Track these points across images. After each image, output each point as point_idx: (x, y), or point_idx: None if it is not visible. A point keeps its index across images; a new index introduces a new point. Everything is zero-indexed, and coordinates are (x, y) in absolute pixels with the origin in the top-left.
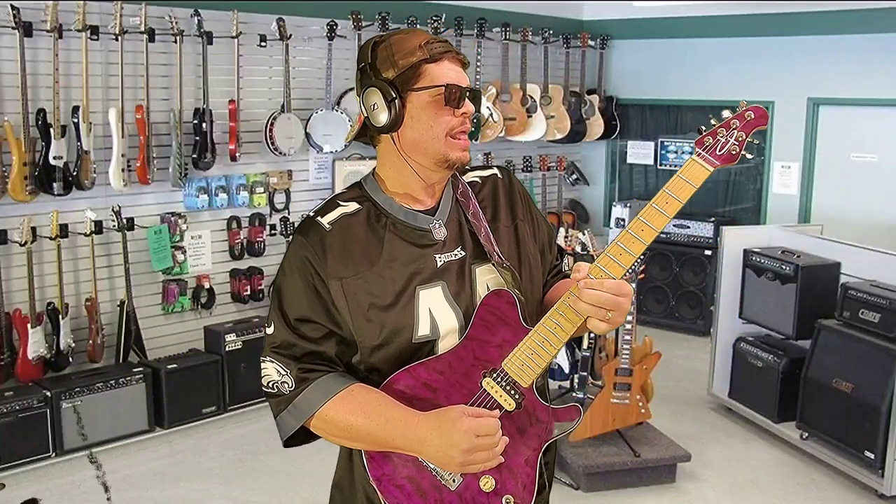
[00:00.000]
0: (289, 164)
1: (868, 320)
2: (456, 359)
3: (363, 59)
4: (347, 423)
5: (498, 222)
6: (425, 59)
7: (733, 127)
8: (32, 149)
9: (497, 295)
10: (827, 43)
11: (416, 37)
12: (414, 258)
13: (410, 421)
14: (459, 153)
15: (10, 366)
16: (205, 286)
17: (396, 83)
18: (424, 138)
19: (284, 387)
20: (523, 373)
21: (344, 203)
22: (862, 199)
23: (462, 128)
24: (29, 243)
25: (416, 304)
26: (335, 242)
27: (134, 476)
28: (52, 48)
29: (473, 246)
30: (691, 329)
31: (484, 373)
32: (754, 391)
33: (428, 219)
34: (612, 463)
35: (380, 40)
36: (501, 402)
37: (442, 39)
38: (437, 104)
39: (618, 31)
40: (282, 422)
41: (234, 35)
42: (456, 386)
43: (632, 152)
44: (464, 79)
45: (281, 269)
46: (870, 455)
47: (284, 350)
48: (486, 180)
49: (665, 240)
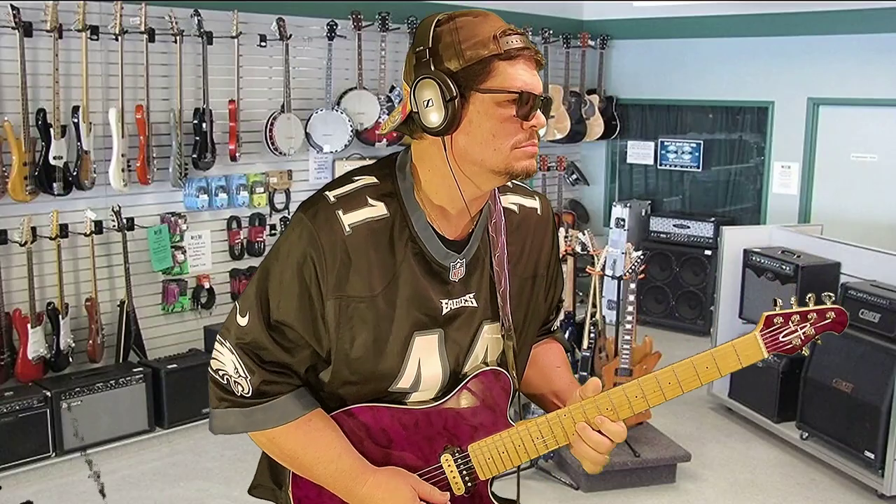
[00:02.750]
0: (289, 164)
1: (868, 320)
2: (426, 421)
3: (422, 41)
4: (294, 454)
5: (516, 273)
6: (498, 54)
7: (809, 320)
8: (32, 149)
9: (495, 376)
10: (827, 43)
11: (490, 23)
12: (422, 296)
13: (360, 478)
14: (526, 162)
15: (10, 366)
16: (205, 286)
17: (460, 78)
18: (482, 148)
19: (238, 388)
20: (486, 465)
21: (373, 202)
22: (862, 199)
23: (529, 142)
24: (29, 243)
25: (408, 353)
26: (349, 252)
27: (134, 476)
28: (52, 48)
29: (489, 297)
30: (691, 329)
31: (447, 447)
32: (754, 391)
33: (451, 255)
34: (612, 463)
35: (445, 20)
36: (451, 484)
37: (519, 31)
38: (505, 112)
39: (618, 31)
40: (221, 415)
41: (234, 35)
42: (414, 447)
43: (632, 152)
44: (538, 85)
45: (276, 250)
46: (870, 455)
47: (252, 350)
48: (523, 212)
49: (665, 240)
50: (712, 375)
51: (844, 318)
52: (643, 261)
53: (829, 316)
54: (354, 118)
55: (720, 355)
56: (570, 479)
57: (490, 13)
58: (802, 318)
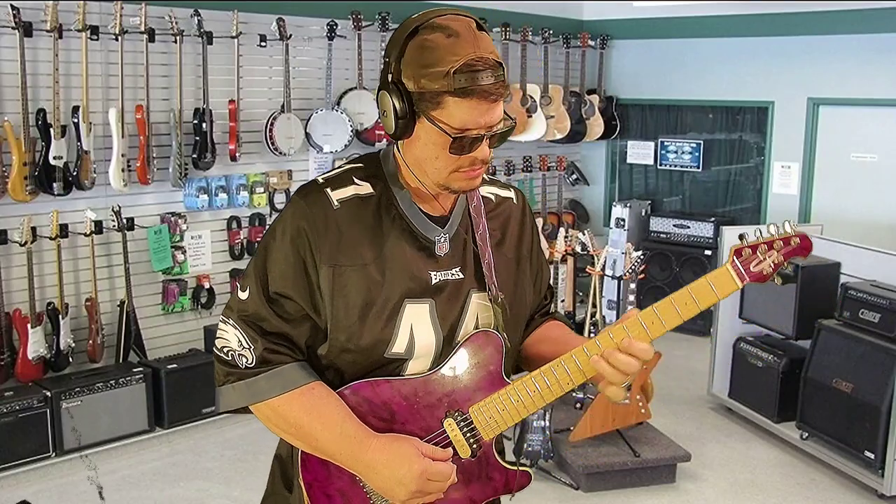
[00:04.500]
0: (289, 164)
1: (868, 320)
2: (424, 389)
3: (393, 47)
4: (298, 422)
5: (501, 251)
6: (449, 91)
7: (776, 248)
8: (32, 149)
9: (486, 336)
10: (827, 43)
11: (455, 50)
12: (410, 267)
13: (364, 443)
14: (464, 184)
15: (10, 366)
16: (205, 286)
17: (414, 98)
18: (426, 164)
19: (242, 360)
20: (488, 425)
21: (359, 182)
22: (862, 199)
23: (469, 169)
24: (29, 243)
25: (399, 318)
26: (339, 224)
27: (134, 476)
28: (52, 48)
29: (475, 270)
30: (691, 329)
31: (448, 413)
32: (754, 391)
33: (436, 230)
34: (612, 463)
35: (420, 29)
36: (458, 448)
37: (484, 65)
38: (447, 141)
39: (618, 31)
40: (225, 392)
41: (234, 35)
42: (416, 416)
43: (632, 152)
44: (492, 117)
45: (272, 229)
46: (870, 455)
47: (254, 321)
48: (500, 201)
49: (665, 240)
50: (693, 311)
51: (808, 243)
52: (643, 261)
53: (794, 242)
54: (354, 118)
55: (696, 290)
56: (570, 479)
57: (463, 33)
58: (769, 247)
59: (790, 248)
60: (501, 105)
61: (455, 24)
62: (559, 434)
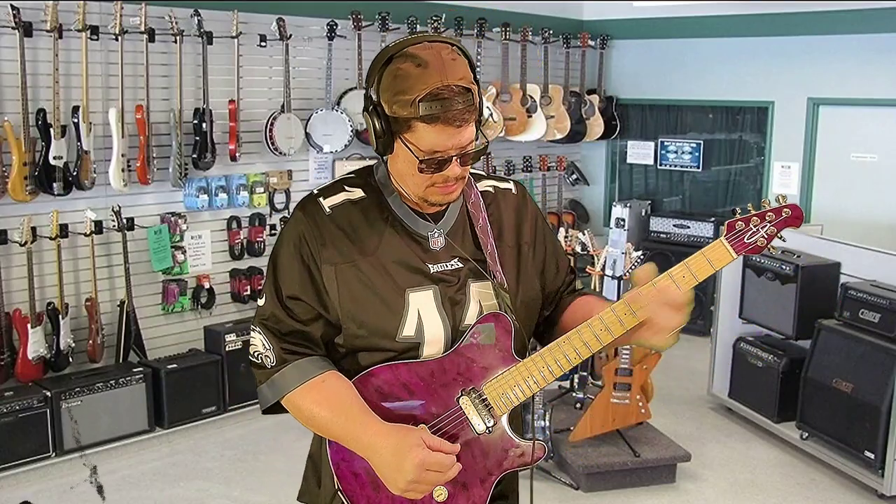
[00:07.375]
0: (289, 164)
1: (868, 320)
2: (440, 369)
3: (372, 73)
4: (311, 413)
5: (502, 242)
6: (416, 118)
7: (768, 220)
8: (32, 149)
9: (496, 318)
10: (827, 43)
11: (423, 79)
12: (407, 260)
13: (369, 427)
14: (440, 198)
15: (10, 366)
16: (205, 286)
17: (390, 121)
18: (405, 178)
19: (267, 360)
20: (501, 401)
21: (350, 189)
22: (862, 199)
23: (444, 186)
24: (29, 243)
25: (405, 303)
26: (333, 227)
27: (134, 476)
28: (52, 48)
29: (475, 261)
30: (691, 329)
31: (463, 390)
32: (754, 391)
33: (428, 226)
34: (612, 463)
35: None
36: (473, 424)
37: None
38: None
39: (618, 31)
40: (261, 393)
41: (234, 35)
42: (434, 395)
43: (632, 152)
44: (461, 139)
45: (279, 240)
46: (870, 455)
47: (272, 324)
48: (499, 193)
49: (665, 240)
50: (690, 283)
51: (799, 212)
52: (643, 261)
53: (786, 213)
54: (354, 118)
55: (693, 264)
56: (570, 479)
57: (432, 63)
58: (761, 219)
59: (782, 218)
60: (472, 127)
61: (425, 54)
62: (559, 434)
